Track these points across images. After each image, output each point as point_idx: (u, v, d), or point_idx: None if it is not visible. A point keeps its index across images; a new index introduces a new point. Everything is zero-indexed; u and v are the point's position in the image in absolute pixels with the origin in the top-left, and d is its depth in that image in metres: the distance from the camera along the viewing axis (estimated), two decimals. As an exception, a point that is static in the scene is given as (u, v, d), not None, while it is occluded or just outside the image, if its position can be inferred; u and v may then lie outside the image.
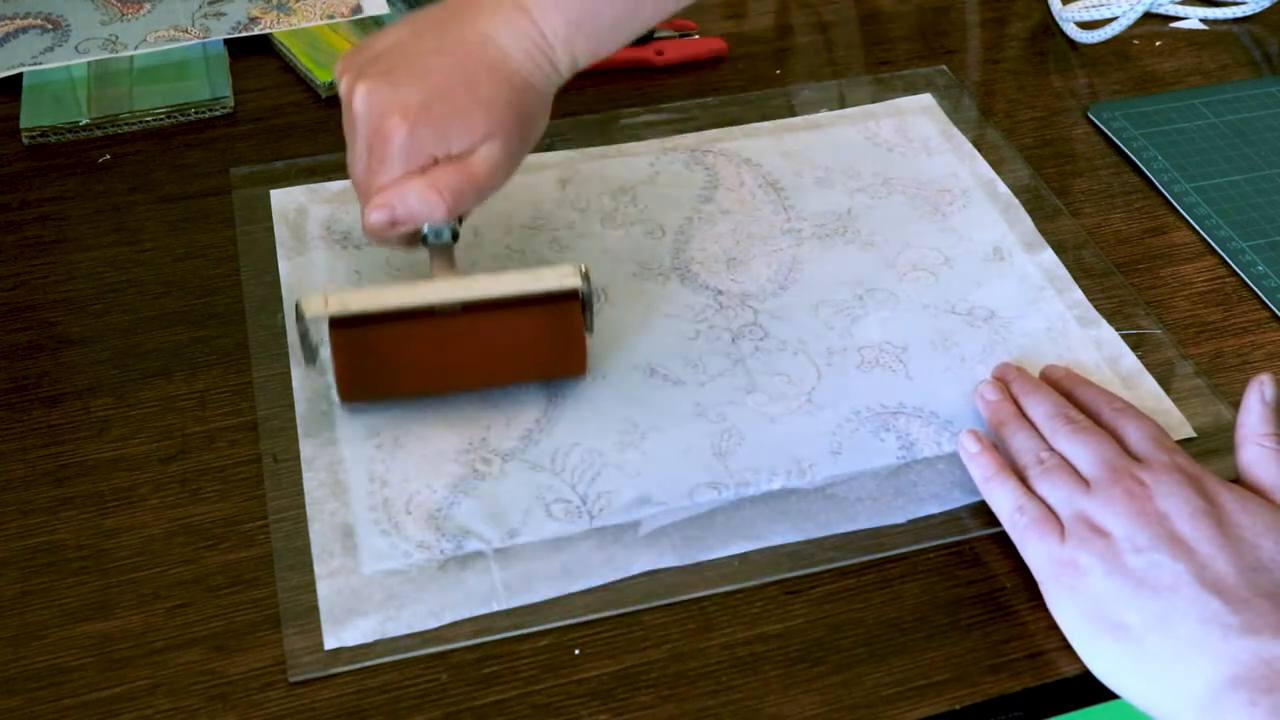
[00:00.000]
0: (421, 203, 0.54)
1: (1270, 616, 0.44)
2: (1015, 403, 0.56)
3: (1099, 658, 0.46)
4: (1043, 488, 0.51)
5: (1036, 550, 0.49)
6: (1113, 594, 0.46)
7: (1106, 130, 0.76)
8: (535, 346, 0.56)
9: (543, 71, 0.55)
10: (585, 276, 0.55)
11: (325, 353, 0.56)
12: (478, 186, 0.55)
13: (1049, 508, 0.50)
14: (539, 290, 0.55)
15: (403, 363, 0.55)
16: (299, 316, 0.55)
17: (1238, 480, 0.51)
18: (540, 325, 0.55)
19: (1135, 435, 0.52)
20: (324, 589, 0.50)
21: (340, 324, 0.54)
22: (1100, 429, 0.53)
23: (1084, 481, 0.50)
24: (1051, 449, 0.52)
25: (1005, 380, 0.58)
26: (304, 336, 0.56)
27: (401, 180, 0.54)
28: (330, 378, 0.57)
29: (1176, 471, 0.49)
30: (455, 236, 0.57)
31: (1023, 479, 0.52)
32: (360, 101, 0.54)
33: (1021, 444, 0.53)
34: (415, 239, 0.57)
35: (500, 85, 0.54)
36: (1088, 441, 0.51)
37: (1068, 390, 0.57)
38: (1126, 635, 0.45)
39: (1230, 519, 0.47)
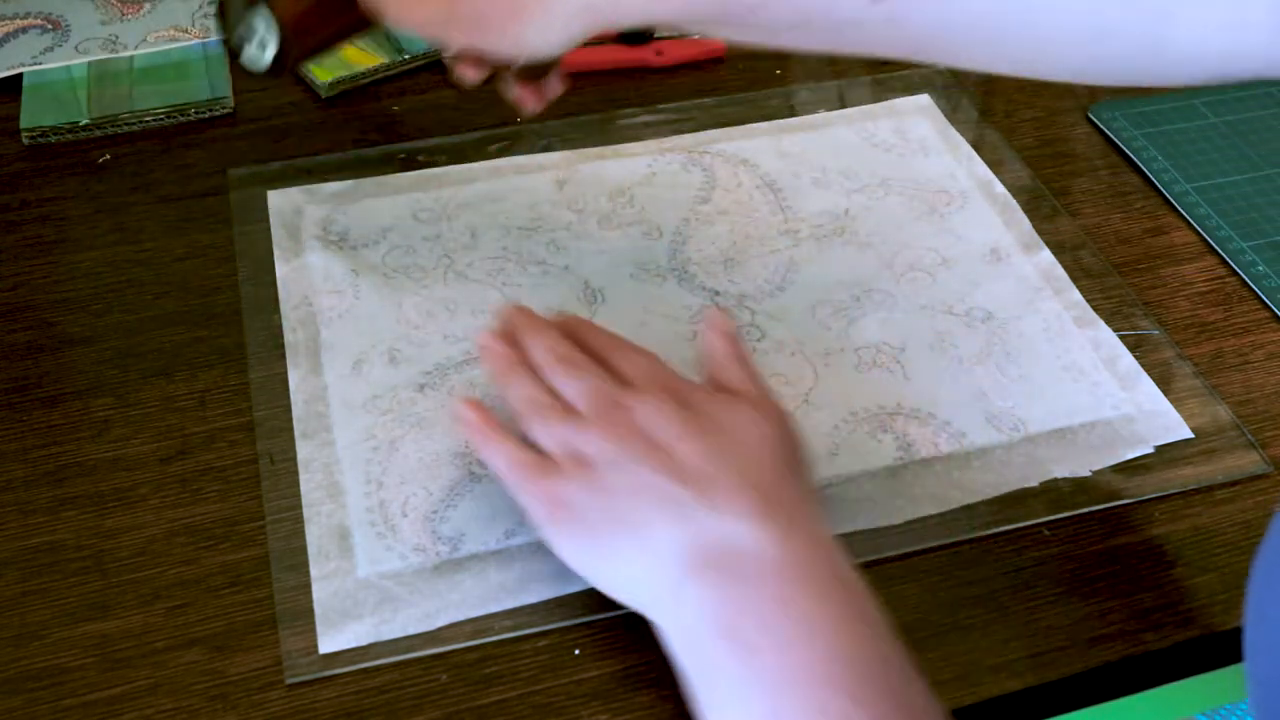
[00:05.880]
0: None
1: (728, 493, 0.45)
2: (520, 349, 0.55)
3: (594, 574, 0.48)
4: (538, 435, 0.50)
5: (530, 497, 0.49)
6: (591, 510, 0.47)
7: (1106, 130, 0.76)
8: None
9: None
10: None
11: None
12: None
13: (548, 455, 0.50)
14: None
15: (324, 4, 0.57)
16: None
17: None
18: None
19: (628, 364, 0.52)
20: (319, 591, 0.50)
21: None
22: (595, 364, 0.52)
23: (577, 417, 0.50)
24: (549, 392, 0.52)
25: (503, 323, 0.56)
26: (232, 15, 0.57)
27: None
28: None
29: (661, 389, 0.50)
30: None
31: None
32: None
33: (517, 394, 0.52)
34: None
35: None
36: (580, 376, 0.51)
37: (572, 330, 0.55)
38: (604, 542, 0.47)
39: (704, 409, 0.49)
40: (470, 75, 0.61)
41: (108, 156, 0.73)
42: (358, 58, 0.79)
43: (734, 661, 0.43)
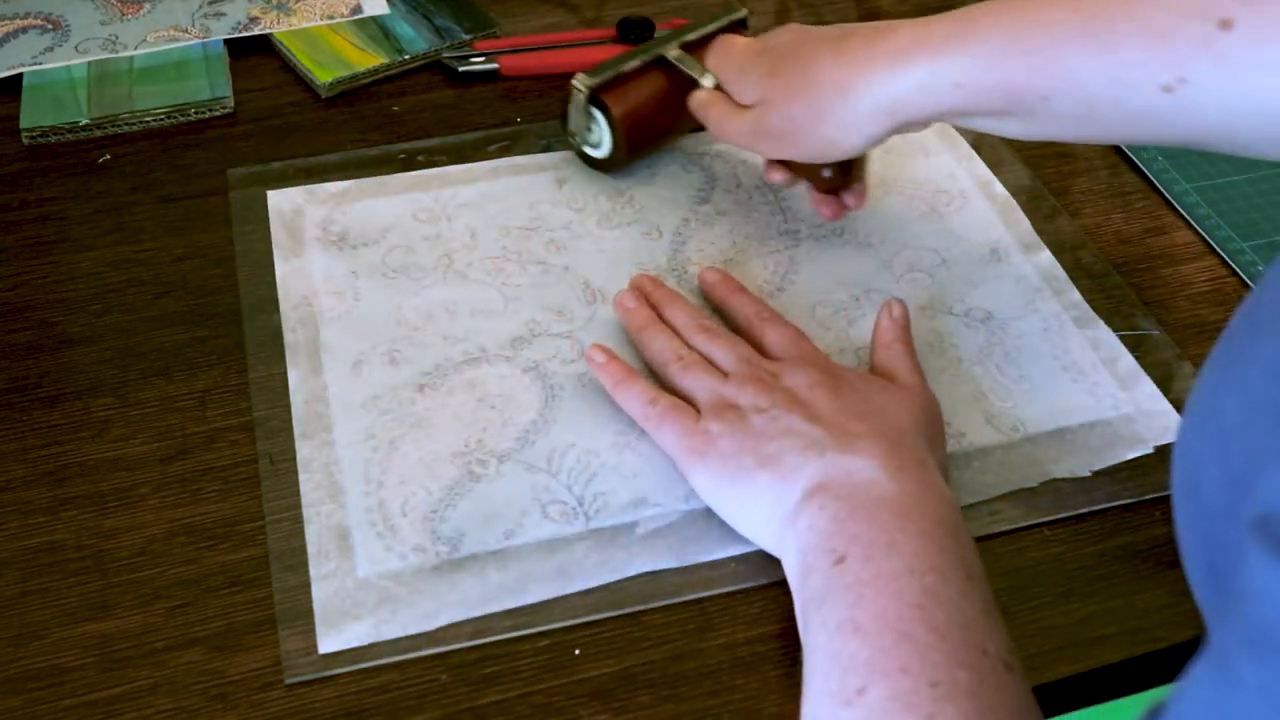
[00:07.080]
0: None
1: (863, 440, 0.49)
2: (656, 312, 0.59)
3: (726, 506, 0.51)
4: (684, 381, 0.54)
5: (672, 430, 0.52)
6: (735, 448, 0.50)
7: (1105, 130, 0.76)
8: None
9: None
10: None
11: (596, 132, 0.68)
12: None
13: (685, 400, 0.54)
14: (712, 29, 0.70)
15: (656, 109, 0.68)
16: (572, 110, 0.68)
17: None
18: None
19: (773, 338, 0.56)
20: (319, 592, 0.50)
21: (605, 89, 0.67)
22: (736, 335, 0.57)
23: (722, 374, 0.54)
24: (690, 348, 0.56)
25: (644, 290, 0.61)
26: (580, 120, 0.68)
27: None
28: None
29: (807, 363, 0.54)
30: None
31: (662, 381, 0.56)
32: None
33: (661, 345, 0.57)
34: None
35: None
36: (725, 343, 0.56)
37: (722, 298, 0.61)
38: (744, 476, 0.50)
39: (848, 383, 0.53)
40: (778, 178, 0.65)
41: (108, 156, 0.73)
42: (358, 58, 0.79)
43: (824, 570, 0.45)
